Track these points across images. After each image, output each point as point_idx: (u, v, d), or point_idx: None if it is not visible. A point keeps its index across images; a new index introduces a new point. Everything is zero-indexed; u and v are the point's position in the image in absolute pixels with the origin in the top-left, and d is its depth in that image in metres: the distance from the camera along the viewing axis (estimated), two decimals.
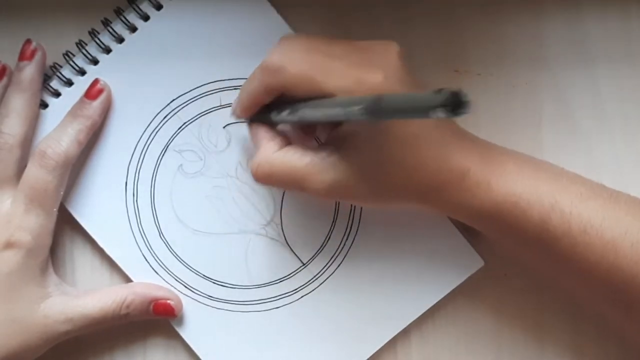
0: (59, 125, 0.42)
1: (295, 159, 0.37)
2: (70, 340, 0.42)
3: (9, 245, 0.40)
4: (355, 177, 0.36)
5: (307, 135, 0.41)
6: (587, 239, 0.36)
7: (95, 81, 0.43)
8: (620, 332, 0.43)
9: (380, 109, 0.30)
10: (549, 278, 0.42)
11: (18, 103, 0.42)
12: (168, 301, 0.43)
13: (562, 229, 0.36)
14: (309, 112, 0.36)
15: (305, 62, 0.36)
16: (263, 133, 0.40)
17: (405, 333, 0.44)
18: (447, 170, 0.36)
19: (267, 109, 0.39)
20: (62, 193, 0.42)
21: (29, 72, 0.42)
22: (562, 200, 0.36)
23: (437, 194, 0.37)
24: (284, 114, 0.38)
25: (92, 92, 0.42)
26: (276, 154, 0.38)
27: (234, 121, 0.43)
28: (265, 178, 0.38)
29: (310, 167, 0.37)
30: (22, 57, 0.42)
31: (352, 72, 0.35)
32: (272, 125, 0.40)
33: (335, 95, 0.35)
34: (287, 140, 0.40)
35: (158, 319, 0.44)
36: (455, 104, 0.26)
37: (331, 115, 0.35)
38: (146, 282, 0.44)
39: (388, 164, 0.36)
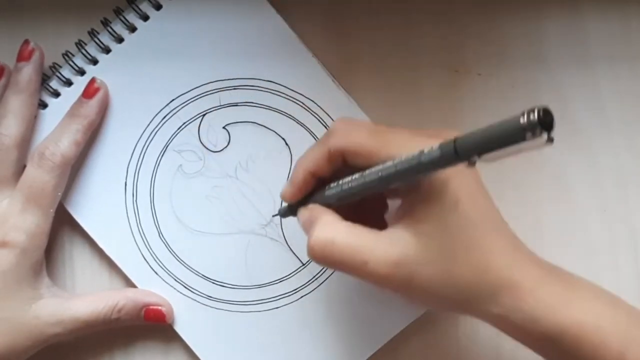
0: (58, 126, 0.42)
1: (359, 231, 0.34)
2: (70, 342, 0.42)
3: (3, 244, 0.40)
4: (423, 254, 0.32)
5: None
6: None
7: (92, 80, 0.43)
8: None
9: (461, 147, 0.27)
10: None
11: (16, 104, 0.42)
12: (159, 307, 0.43)
13: None
14: (378, 174, 0.32)
15: (371, 128, 0.35)
16: (317, 210, 0.36)
17: (405, 333, 0.44)
18: (521, 271, 0.33)
19: (318, 190, 0.37)
20: (60, 194, 0.42)
21: (27, 72, 0.42)
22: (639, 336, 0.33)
23: (508, 292, 0.32)
24: (347, 180, 0.35)
25: (89, 91, 0.42)
26: (340, 224, 0.34)
27: (282, 215, 0.41)
28: (324, 256, 0.34)
29: (375, 240, 0.33)
30: (20, 57, 0.42)
31: (420, 139, 0.32)
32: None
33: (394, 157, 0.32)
34: (343, 217, 0.35)
35: None
36: (546, 122, 0.23)
37: (403, 165, 0.31)
38: (138, 287, 0.44)
39: (457, 242, 0.32)
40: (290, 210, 0.39)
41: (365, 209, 0.38)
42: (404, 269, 0.33)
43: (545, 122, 0.23)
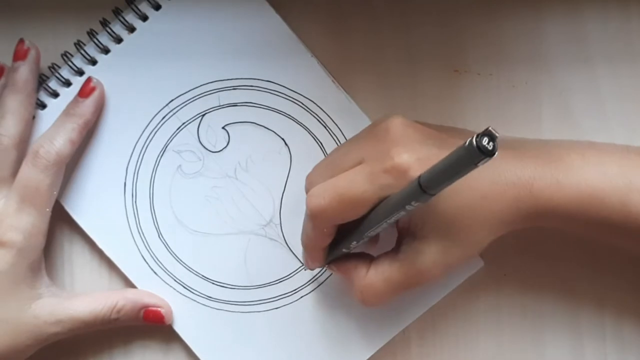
0: (53, 124, 0.42)
1: (388, 269, 0.38)
2: (69, 341, 0.42)
3: (0, 244, 0.40)
4: (443, 247, 0.36)
5: (374, 242, 0.41)
6: None
7: (88, 79, 0.43)
8: None
9: (427, 189, 0.30)
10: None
11: (13, 103, 0.41)
12: (158, 309, 0.43)
13: None
14: (374, 230, 0.36)
15: (336, 190, 0.36)
16: (345, 265, 0.40)
17: (404, 333, 0.44)
18: (512, 186, 0.36)
19: (334, 244, 0.39)
20: (55, 193, 0.42)
21: (23, 71, 0.42)
22: (636, 179, 0.36)
23: (515, 212, 0.36)
24: (353, 244, 0.38)
25: (85, 90, 0.42)
26: (369, 275, 0.38)
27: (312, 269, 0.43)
28: (376, 301, 0.38)
29: (404, 266, 0.37)
30: (16, 57, 0.42)
31: (377, 169, 0.35)
32: (345, 254, 0.40)
33: (379, 199, 0.35)
34: (368, 257, 0.40)
35: None
36: (488, 144, 0.27)
37: (394, 219, 0.35)
38: (138, 288, 0.44)
39: (458, 218, 0.36)
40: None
41: None
42: (440, 266, 0.37)
43: (487, 146, 0.27)
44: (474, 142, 0.26)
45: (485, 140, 0.26)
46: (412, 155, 0.35)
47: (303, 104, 0.44)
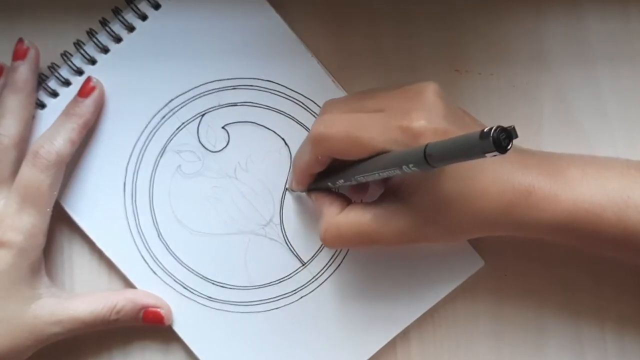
0: (53, 124, 0.42)
1: (360, 216, 0.38)
2: (69, 341, 0.42)
3: (0, 244, 0.40)
4: (423, 220, 0.36)
5: (362, 192, 0.42)
6: None
7: (88, 79, 0.43)
8: None
9: (430, 158, 0.30)
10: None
11: (13, 103, 0.41)
12: (158, 309, 0.43)
13: None
14: (364, 176, 0.36)
15: (347, 125, 0.36)
16: (322, 198, 0.40)
17: (404, 334, 0.44)
18: (511, 189, 0.36)
19: (323, 176, 0.40)
20: (56, 193, 0.42)
21: (23, 71, 0.42)
22: (634, 195, 0.36)
23: (506, 216, 0.36)
24: (340, 182, 0.39)
25: (85, 90, 0.42)
26: (340, 215, 0.39)
27: (294, 192, 0.44)
28: (334, 241, 0.39)
29: (375, 220, 0.37)
30: (15, 56, 0.42)
31: (394, 123, 0.35)
32: (330, 189, 0.41)
33: (383, 150, 0.35)
34: (347, 200, 0.40)
35: None
36: (503, 142, 0.26)
37: (386, 174, 0.35)
38: (137, 288, 0.44)
39: (451, 200, 0.35)
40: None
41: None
42: (409, 236, 0.37)
43: (502, 142, 0.27)
44: (492, 133, 0.26)
45: (502, 136, 0.26)
46: (430, 124, 0.34)
47: (303, 103, 0.44)
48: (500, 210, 0.36)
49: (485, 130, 0.27)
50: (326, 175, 0.40)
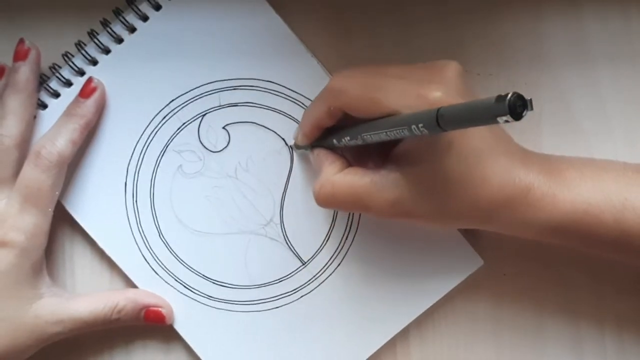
0: (54, 125, 0.42)
1: (357, 179, 0.38)
2: (70, 340, 0.42)
3: (2, 244, 0.40)
4: (419, 194, 0.36)
5: (365, 159, 0.41)
6: None
7: (89, 80, 0.43)
8: None
9: (442, 119, 0.30)
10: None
11: (14, 104, 0.42)
12: (159, 309, 0.43)
13: (639, 224, 0.36)
14: (371, 134, 0.36)
15: (366, 83, 0.37)
16: (324, 156, 0.40)
17: (404, 333, 0.44)
18: (512, 185, 0.36)
19: (328, 134, 0.40)
20: (57, 193, 0.42)
21: (24, 72, 0.42)
22: (632, 197, 0.36)
23: (502, 210, 0.36)
24: (346, 139, 0.38)
25: (86, 90, 0.43)
26: (338, 175, 0.38)
27: (299, 149, 0.43)
28: (327, 199, 0.39)
29: (371, 185, 0.37)
30: (16, 57, 0.42)
31: (412, 89, 0.35)
32: (333, 150, 0.41)
33: (396, 112, 0.35)
34: (348, 163, 0.40)
35: None
36: (518, 108, 0.26)
37: (393, 134, 0.34)
38: (139, 288, 0.44)
39: (450, 180, 0.35)
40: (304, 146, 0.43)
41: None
42: (401, 208, 0.36)
43: (517, 108, 0.26)
44: (509, 96, 0.26)
45: (518, 103, 0.26)
46: (447, 97, 0.34)
47: (303, 104, 0.44)
48: (498, 203, 0.36)
49: (501, 94, 0.26)
50: (332, 133, 0.40)
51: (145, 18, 0.43)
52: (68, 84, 0.43)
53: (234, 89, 0.44)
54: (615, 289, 0.44)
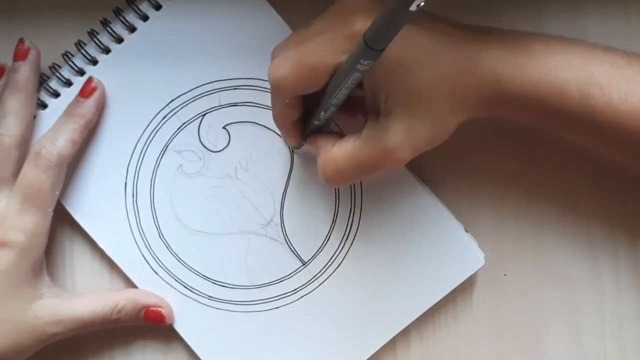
0: (54, 124, 0.42)
1: (351, 145, 0.37)
2: (70, 340, 0.42)
3: (2, 244, 0.40)
4: (403, 123, 0.36)
5: (351, 113, 0.41)
6: (629, 107, 0.35)
7: (89, 79, 0.43)
8: None
9: (372, 42, 0.31)
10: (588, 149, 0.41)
11: (14, 103, 0.42)
12: (159, 309, 0.43)
13: (604, 101, 0.35)
14: (335, 97, 0.36)
15: (295, 59, 0.36)
16: (316, 139, 0.40)
17: (404, 333, 0.44)
18: (475, 66, 0.36)
19: (310, 119, 0.39)
20: (57, 193, 0.42)
21: (24, 71, 0.42)
22: (598, 72, 0.36)
23: (477, 93, 0.36)
24: (322, 115, 0.38)
25: (86, 90, 0.42)
26: (333, 149, 0.38)
27: (299, 151, 0.44)
28: (333, 176, 0.38)
29: (365, 143, 0.37)
30: (16, 57, 0.42)
31: (337, 35, 0.35)
32: (325, 131, 0.40)
33: (339, 64, 0.35)
34: (341, 136, 0.39)
35: None
36: None
37: (350, 84, 0.34)
38: (139, 288, 0.44)
39: (423, 89, 0.35)
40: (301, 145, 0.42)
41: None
42: (399, 146, 0.36)
43: None
44: None
45: None
46: (368, 20, 0.33)
47: None
48: (470, 88, 0.36)
49: None
50: (309, 117, 0.39)
51: (145, 18, 0.43)
52: (68, 83, 0.43)
53: (235, 89, 0.44)
54: (615, 285, 0.44)
